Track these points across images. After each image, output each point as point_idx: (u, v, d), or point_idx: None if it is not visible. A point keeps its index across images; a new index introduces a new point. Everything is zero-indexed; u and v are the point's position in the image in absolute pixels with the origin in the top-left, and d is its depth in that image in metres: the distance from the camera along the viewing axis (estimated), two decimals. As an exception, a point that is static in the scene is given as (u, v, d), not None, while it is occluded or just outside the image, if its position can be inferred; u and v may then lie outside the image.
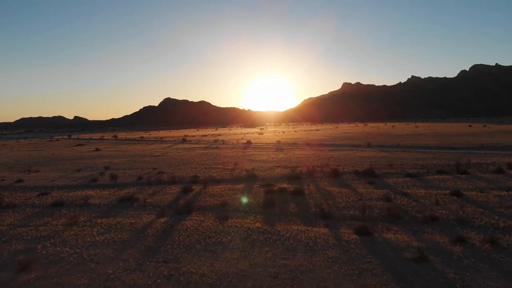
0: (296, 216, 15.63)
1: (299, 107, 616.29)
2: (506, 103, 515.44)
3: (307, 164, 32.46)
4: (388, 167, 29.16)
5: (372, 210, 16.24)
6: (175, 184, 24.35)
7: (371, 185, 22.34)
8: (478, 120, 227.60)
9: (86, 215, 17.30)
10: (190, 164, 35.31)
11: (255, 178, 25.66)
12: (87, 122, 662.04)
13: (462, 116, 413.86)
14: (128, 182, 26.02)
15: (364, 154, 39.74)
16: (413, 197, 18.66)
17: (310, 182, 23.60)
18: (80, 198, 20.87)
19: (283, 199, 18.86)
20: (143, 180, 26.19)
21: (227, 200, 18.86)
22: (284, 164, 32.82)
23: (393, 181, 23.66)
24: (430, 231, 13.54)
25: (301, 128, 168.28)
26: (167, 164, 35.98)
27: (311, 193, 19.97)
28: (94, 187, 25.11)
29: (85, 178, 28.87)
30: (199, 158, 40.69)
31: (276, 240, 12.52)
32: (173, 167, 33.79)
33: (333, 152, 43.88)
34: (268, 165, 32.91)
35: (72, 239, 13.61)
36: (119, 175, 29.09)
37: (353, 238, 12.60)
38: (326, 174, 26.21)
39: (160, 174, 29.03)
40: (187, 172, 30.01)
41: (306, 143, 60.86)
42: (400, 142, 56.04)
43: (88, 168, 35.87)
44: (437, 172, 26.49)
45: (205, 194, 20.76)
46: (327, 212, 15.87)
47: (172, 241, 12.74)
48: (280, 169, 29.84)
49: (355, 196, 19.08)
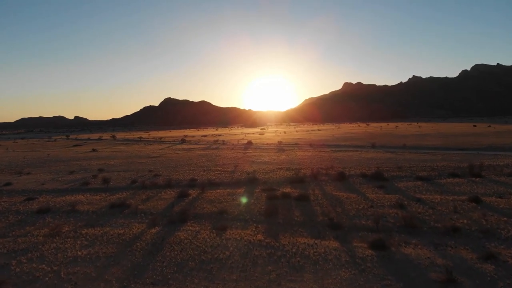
0: (302, 226, 14.11)
1: (300, 107, 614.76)
2: (507, 103, 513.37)
3: (310, 166, 30.94)
4: (396, 169, 27.62)
5: (386, 219, 14.72)
6: (171, 188, 22.85)
7: (381, 189, 20.81)
8: (481, 120, 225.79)
9: (72, 224, 15.81)
10: (188, 166, 33.81)
11: (256, 182, 24.14)
12: (88, 122, 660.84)
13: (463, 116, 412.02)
14: (121, 186, 24.51)
15: (370, 155, 38.21)
16: (428, 204, 17.12)
17: (315, 186, 22.08)
18: (68, 204, 19.36)
19: (287, 205, 17.33)
20: (137, 184, 24.68)
21: (225, 207, 17.34)
22: (287, 166, 31.30)
23: (404, 185, 22.13)
24: (453, 245, 12.01)
25: (303, 128, 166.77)
26: (164, 166, 34.48)
27: (317, 199, 18.44)
28: (85, 191, 23.62)
29: (76, 181, 27.38)
30: (198, 160, 39.19)
31: (281, 256, 10.99)
32: (170, 169, 32.30)
33: (337, 153, 42.35)
34: (269, 167, 31.40)
35: (51, 254, 12.10)
36: (112, 178, 27.60)
37: (368, 254, 11.07)
38: (332, 177, 24.68)
39: (155, 177, 27.53)
40: (184, 174, 28.50)
41: (308, 143, 59.36)
42: (405, 142, 54.47)
43: (81, 170, 34.39)
44: (449, 175, 24.97)
45: (203, 199, 19.24)
46: (337, 221, 14.34)
47: (162, 257, 11.22)
48: (282, 172, 28.32)
49: (365, 202, 17.55)
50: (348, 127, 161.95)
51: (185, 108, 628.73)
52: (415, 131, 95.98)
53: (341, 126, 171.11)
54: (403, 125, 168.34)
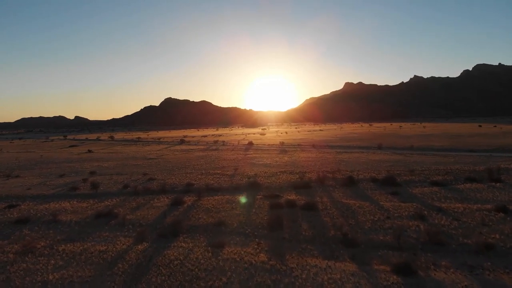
0: (311, 243, 12.26)
1: (300, 107, 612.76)
2: (509, 103, 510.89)
3: (315, 169, 29.08)
4: (409, 173, 25.74)
5: (406, 233, 12.87)
6: (165, 194, 21.01)
7: (395, 196, 18.95)
8: (484, 120, 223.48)
9: (50, 237, 13.98)
10: (185, 169, 31.96)
11: (257, 187, 22.29)
12: (88, 122, 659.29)
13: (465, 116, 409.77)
14: (112, 191, 22.65)
15: (377, 157, 36.33)
16: (451, 214, 15.26)
17: (323, 192, 20.22)
18: (50, 213, 17.52)
19: (292, 216, 15.48)
20: (129, 189, 22.83)
21: (224, 217, 15.49)
22: (290, 169, 29.43)
23: (419, 191, 20.26)
24: (490, 268, 10.16)
25: (304, 128, 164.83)
26: (160, 169, 32.63)
27: (326, 208, 16.58)
28: (72, 197, 21.79)
29: (65, 186, 25.54)
30: (196, 162, 37.34)
31: (289, 284, 9.14)
32: (166, 172, 30.45)
33: (342, 154, 40.46)
34: (272, 170, 29.53)
35: (18, 277, 10.27)
36: (104, 182, 25.78)
37: (393, 281, 9.21)
38: (340, 182, 22.81)
39: (150, 181, 25.68)
40: (180, 178, 26.65)
41: (311, 144, 57.44)
42: (412, 143, 52.57)
43: (73, 173, 32.56)
44: (466, 180, 23.09)
45: (199, 208, 17.39)
46: (351, 237, 12.48)
47: (147, 285, 9.37)
48: (285, 175, 26.46)
49: (380, 212, 15.69)
50: (351, 127, 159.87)
51: (186, 108, 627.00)
52: (420, 131, 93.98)
53: (344, 126, 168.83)
54: (406, 125, 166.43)
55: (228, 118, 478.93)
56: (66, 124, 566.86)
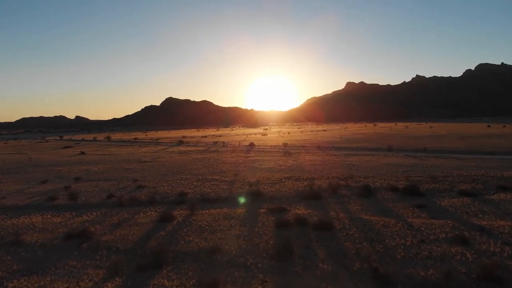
0: (332, 280, 9.41)
1: (302, 107, 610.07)
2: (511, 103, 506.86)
3: (324, 174, 26.23)
4: (430, 180, 22.87)
5: (449, 264, 10.02)
6: (154, 206, 18.20)
7: (423, 210, 16.11)
8: (490, 120, 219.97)
9: (4, 267, 11.20)
10: (180, 174, 29.14)
11: (260, 197, 19.47)
12: (88, 122, 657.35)
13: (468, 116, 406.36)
14: (93, 203, 19.85)
15: (390, 161, 33.44)
16: (498, 236, 12.42)
17: (336, 205, 17.38)
18: (15, 231, 14.72)
19: (304, 238, 12.64)
20: (114, 200, 20.02)
21: (220, 240, 12.67)
22: (296, 175, 26.58)
23: (449, 203, 17.41)
24: None
25: (307, 129, 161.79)
26: (153, 174, 29.82)
27: (344, 227, 13.73)
28: (47, 209, 19.00)
29: (43, 195, 22.74)
30: (193, 165, 34.51)
31: None
32: (159, 178, 27.64)
33: (350, 157, 37.56)
34: (276, 175, 26.69)
35: None
36: (87, 191, 23.00)
37: None
38: (355, 192, 19.97)
39: (138, 190, 22.86)
40: (174, 186, 23.82)
41: (316, 145, 54.53)
42: (422, 144, 49.66)
43: (57, 178, 29.78)
44: (499, 189, 20.22)
45: (190, 226, 14.56)
46: (383, 272, 9.63)
47: None
48: (292, 182, 23.61)
49: (411, 234, 12.84)
50: (355, 127, 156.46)
51: (187, 108, 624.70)
52: (428, 131, 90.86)
53: (348, 127, 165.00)
54: (412, 125, 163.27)
55: (229, 118, 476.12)
56: (67, 124, 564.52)
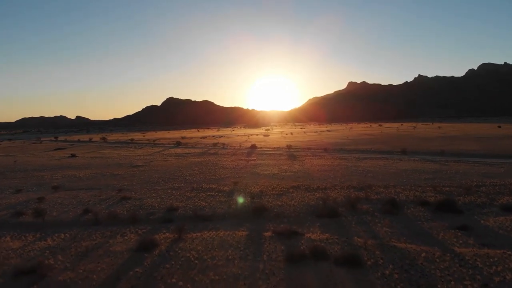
0: None
1: (304, 107, 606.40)
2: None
3: (337, 183, 22.90)
4: (463, 191, 19.53)
5: None
6: (135, 226, 14.92)
7: (468, 234, 12.80)
8: (496, 120, 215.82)
9: None
10: (173, 181, 25.83)
11: (264, 214, 16.19)
12: (89, 122, 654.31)
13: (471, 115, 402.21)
14: (65, 220, 16.58)
15: (408, 166, 30.06)
16: None
17: (360, 226, 14.06)
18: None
19: (327, 282, 9.30)
20: (90, 216, 16.75)
21: (212, 285, 9.33)
22: (305, 183, 23.23)
23: (495, 223, 14.10)
24: None
25: (310, 129, 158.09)
26: (142, 181, 26.53)
27: (376, 262, 10.37)
28: (9, 228, 15.78)
29: (11, 208, 19.48)
30: (189, 171, 31.22)
31: None
32: (148, 186, 24.34)
33: (363, 161, 34.18)
34: (281, 184, 23.35)
35: None
36: (63, 203, 19.74)
37: None
38: (378, 206, 16.64)
39: (122, 202, 19.56)
40: (163, 197, 20.52)
41: (322, 147, 51.10)
42: (439, 147, 46.31)
43: (35, 186, 26.52)
44: (551, 203, 16.89)
45: (175, 259, 11.23)
46: None
47: None
48: (301, 193, 20.28)
49: (466, 273, 9.48)
50: (359, 127, 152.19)
51: (188, 107, 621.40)
52: (437, 132, 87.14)
53: (352, 127, 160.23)
54: (418, 125, 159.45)
55: (231, 118, 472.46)
56: (67, 124, 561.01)
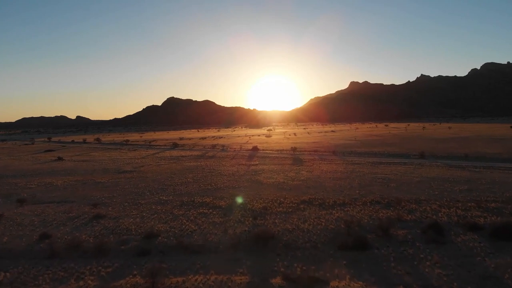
0: None
1: (305, 107, 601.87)
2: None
3: (357, 195, 18.99)
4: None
5: None
6: (99, 262, 11.13)
7: None
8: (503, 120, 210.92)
9: None
10: (160, 194, 21.96)
11: (270, 243, 12.33)
12: (89, 122, 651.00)
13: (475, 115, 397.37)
14: (14, 250, 12.74)
15: (433, 173, 26.12)
16: None
17: (401, 264, 10.20)
18: None
19: None
20: (45, 245, 12.93)
21: None
22: (318, 196, 19.32)
23: None
24: None
25: (313, 129, 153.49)
26: (125, 193, 22.68)
27: None
28: None
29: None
30: (181, 178, 27.37)
31: None
32: (130, 199, 20.49)
33: (380, 167, 30.23)
34: (289, 197, 19.45)
35: None
36: (20, 225, 15.95)
37: None
38: (417, 233, 12.75)
39: (92, 223, 15.72)
40: (144, 216, 16.66)
41: (330, 150, 47.09)
42: (456, 149, 42.43)
43: (1, 197, 22.69)
44: None
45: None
46: None
47: None
48: (315, 211, 16.40)
49: None
50: (365, 128, 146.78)
51: (189, 107, 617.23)
52: (448, 133, 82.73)
53: (358, 127, 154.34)
54: (425, 125, 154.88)
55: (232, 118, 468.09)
56: (67, 124, 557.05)
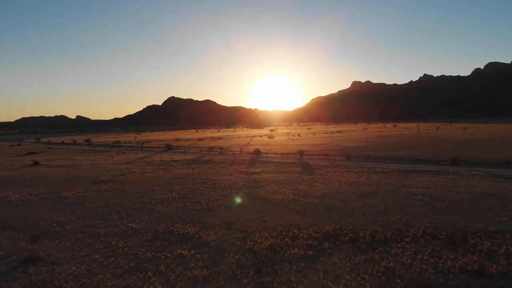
0: None
1: (307, 107, 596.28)
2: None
3: (398, 223, 13.52)
4: None
5: None
6: None
7: None
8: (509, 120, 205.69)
9: None
10: (131, 217, 16.46)
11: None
12: (89, 122, 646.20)
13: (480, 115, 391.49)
14: None
15: (482, 187, 20.58)
16: None
17: None
18: None
19: None
20: None
21: None
22: (346, 225, 13.83)
23: None
24: None
25: (318, 130, 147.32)
26: (86, 216, 17.21)
27: None
28: None
29: None
30: (165, 194, 21.89)
31: None
32: (89, 226, 15.02)
33: (410, 177, 24.71)
34: (306, 225, 14.00)
35: None
36: None
37: None
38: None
39: (17, 273, 10.24)
40: (94, 261, 11.21)
41: (342, 153, 41.63)
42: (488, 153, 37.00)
43: None
44: None
45: None
46: None
47: None
48: (347, 254, 10.97)
49: None
50: (373, 128, 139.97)
51: (189, 107, 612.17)
52: (465, 134, 77.15)
53: (367, 128, 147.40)
54: (435, 125, 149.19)
55: (233, 118, 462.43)
56: (67, 124, 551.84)
